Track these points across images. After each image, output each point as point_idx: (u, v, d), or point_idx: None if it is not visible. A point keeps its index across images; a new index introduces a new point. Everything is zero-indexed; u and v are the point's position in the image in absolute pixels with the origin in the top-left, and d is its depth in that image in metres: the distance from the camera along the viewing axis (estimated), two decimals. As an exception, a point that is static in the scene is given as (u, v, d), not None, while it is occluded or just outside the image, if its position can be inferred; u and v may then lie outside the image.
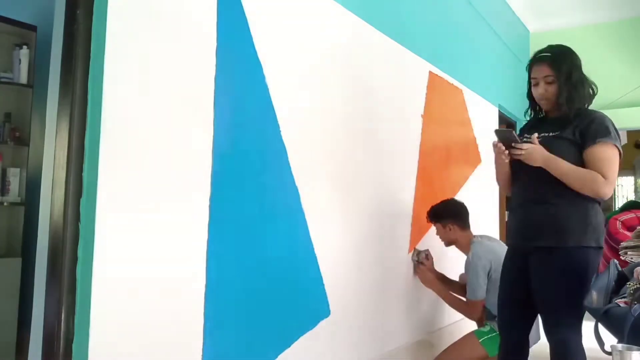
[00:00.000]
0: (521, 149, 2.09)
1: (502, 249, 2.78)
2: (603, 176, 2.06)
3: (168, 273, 1.62)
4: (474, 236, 2.92)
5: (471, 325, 3.15)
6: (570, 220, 2.09)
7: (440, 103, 3.50)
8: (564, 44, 2.32)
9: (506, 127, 5.38)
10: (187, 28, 1.72)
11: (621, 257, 3.76)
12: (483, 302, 2.80)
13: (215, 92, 1.81)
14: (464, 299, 2.90)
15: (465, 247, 2.92)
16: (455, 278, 3.22)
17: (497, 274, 2.66)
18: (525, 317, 2.24)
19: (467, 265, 2.85)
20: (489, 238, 2.97)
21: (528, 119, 2.35)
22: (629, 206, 5.56)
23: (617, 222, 5.22)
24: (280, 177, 2.10)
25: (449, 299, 2.99)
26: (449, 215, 2.93)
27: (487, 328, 2.81)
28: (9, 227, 3.10)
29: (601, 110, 2.21)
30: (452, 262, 3.32)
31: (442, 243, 3.01)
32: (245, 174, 1.94)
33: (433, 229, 3.34)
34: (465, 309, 2.91)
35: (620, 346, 2.29)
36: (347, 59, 2.54)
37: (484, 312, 2.87)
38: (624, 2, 5.04)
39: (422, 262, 3.03)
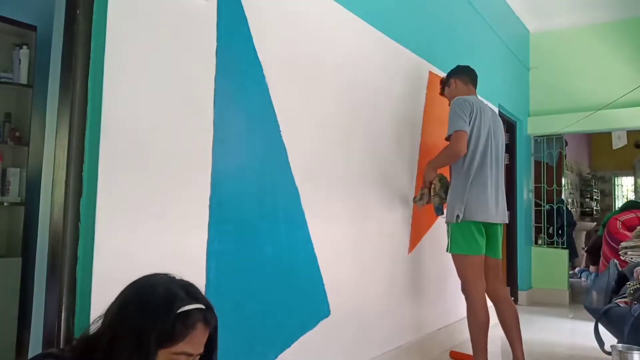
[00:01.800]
0: None
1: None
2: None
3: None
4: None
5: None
6: None
7: (441, 103, 3.50)
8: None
9: (505, 129, 5.39)
10: (187, 28, 1.72)
11: (621, 257, 3.76)
12: (466, 134, 2.67)
13: (215, 92, 1.81)
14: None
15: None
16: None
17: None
18: None
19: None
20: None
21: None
22: (629, 206, 5.58)
23: (617, 222, 5.24)
24: (280, 177, 2.10)
25: (435, 160, 2.87)
26: (454, 73, 3.02)
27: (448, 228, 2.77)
28: (9, 227, 3.10)
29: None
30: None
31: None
32: (245, 174, 1.94)
33: (433, 229, 3.35)
34: (449, 148, 2.73)
35: (620, 346, 2.30)
36: (347, 59, 2.54)
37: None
38: (624, 2, 5.04)
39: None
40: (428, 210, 3.30)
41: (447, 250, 2.80)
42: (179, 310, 1.02)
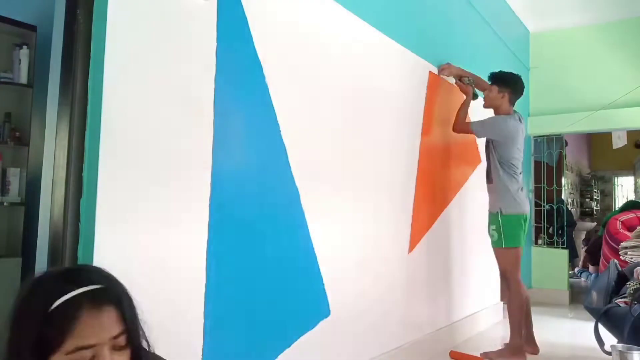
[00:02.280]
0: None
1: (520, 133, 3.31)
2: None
3: (168, 273, 1.62)
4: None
5: (476, 325, 3.14)
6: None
7: (440, 103, 3.50)
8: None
9: None
10: (187, 28, 1.72)
11: (621, 257, 3.77)
12: (472, 134, 3.39)
13: (215, 92, 1.81)
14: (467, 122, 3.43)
15: (502, 113, 3.34)
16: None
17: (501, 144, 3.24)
18: None
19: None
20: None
21: None
22: (629, 206, 5.58)
23: (617, 222, 5.24)
24: (280, 177, 2.10)
25: (463, 109, 3.45)
26: (510, 85, 3.36)
27: (492, 228, 3.23)
28: (9, 227, 3.10)
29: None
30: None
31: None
32: (245, 174, 1.94)
33: (433, 229, 3.35)
34: (460, 123, 3.43)
35: (620, 346, 2.30)
36: (347, 59, 2.54)
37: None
38: (624, 2, 5.04)
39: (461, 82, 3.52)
40: (428, 210, 3.31)
41: (498, 245, 3.21)
42: (51, 309, 0.89)
